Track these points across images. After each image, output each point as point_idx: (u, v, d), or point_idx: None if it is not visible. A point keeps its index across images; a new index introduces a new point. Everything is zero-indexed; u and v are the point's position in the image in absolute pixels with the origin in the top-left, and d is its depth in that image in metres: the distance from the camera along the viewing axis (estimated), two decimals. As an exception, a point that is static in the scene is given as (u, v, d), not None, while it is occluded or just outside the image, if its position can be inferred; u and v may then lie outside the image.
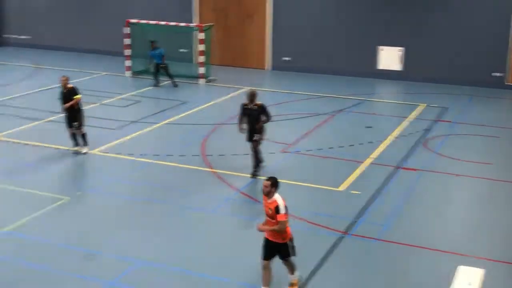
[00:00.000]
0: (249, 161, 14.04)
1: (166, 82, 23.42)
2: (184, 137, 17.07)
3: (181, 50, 26.85)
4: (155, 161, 14.92)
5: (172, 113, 19.40)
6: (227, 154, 15.42)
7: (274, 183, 8.80)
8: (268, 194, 8.80)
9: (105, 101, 20.65)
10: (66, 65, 26.55)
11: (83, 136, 15.37)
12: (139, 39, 24.43)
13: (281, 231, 8.77)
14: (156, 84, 23.02)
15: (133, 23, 24.80)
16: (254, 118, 13.68)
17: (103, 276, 9.68)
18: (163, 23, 24.48)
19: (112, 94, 21.62)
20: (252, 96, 13.63)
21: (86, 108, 19.42)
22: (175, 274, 9.83)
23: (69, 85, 15.32)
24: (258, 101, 13.75)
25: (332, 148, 15.92)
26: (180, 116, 19.11)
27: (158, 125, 18.11)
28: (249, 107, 13.70)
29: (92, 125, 17.72)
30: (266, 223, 9.00)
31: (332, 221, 11.67)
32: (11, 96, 21.04)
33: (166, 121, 18.48)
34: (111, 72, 25.30)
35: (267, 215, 8.92)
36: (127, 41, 24.76)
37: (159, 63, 22.79)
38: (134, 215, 12.16)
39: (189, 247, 10.72)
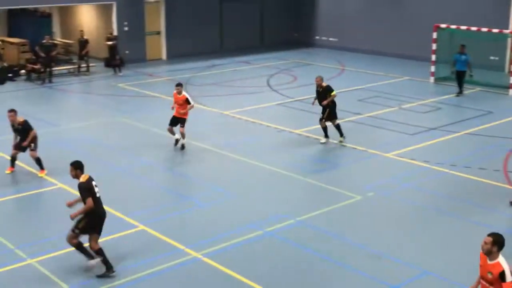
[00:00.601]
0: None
1: (470, 91, 22.32)
2: (485, 150, 16.02)
3: (492, 57, 25.31)
4: (451, 171, 14.28)
5: (475, 123, 18.38)
6: (533, 173, 14.04)
7: (496, 241, 7.07)
8: (489, 254, 7.15)
9: (405, 106, 20.49)
10: (369, 68, 27.09)
11: (338, 127, 16.36)
12: (446, 44, 23.71)
13: None
14: (460, 93, 22.05)
15: (442, 28, 24.17)
16: None
17: (386, 279, 9.57)
18: (474, 28, 23.35)
19: (412, 99, 21.36)
20: None
21: (385, 111, 19.61)
22: (462, 292, 9.25)
23: (324, 84, 16.43)
24: None
25: None
26: (483, 126, 18.01)
27: (457, 134, 17.33)
28: None
29: (388, 129, 17.79)
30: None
31: None
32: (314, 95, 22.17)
33: (467, 131, 17.57)
34: (414, 77, 25.02)
35: (484, 278, 7.29)
36: (433, 46, 24.23)
37: (460, 70, 21.75)
38: (422, 223, 11.82)
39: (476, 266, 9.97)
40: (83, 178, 9.53)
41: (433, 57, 24.25)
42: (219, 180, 13.69)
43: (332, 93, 16.36)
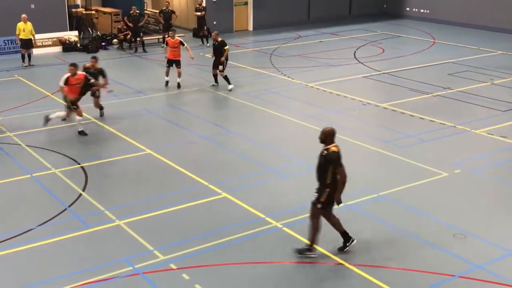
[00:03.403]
0: None
1: None
2: None
3: None
4: (545, 150, 13.68)
5: None
6: None
7: None
8: None
9: (497, 81, 19.67)
10: (461, 41, 26.13)
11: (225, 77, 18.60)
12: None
13: None
14: None
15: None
16: None
17: (471, 258, 9.35)
18: None
19: (506, 74, 20.48)
20: None
21: (476, 86, 18.92)
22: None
23: (219, 39, 18.66)
24: None
25: None
26: None
27: (554, 112, 16.51)
28: None
29: (479, 105, 17.18)
30: None
31: None
32: (404, 68, 21.68)
33: None
34: (509, 52, 23.92)
35: None
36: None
37: None
38: (509, 203, 11.42)
39: None
40: (335, 148, 9.13)
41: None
42: (303, 153, 13.71)
43: (226, 47, 18.61)
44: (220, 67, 18.76)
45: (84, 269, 9.10)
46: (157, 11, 28.08)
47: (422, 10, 31.56)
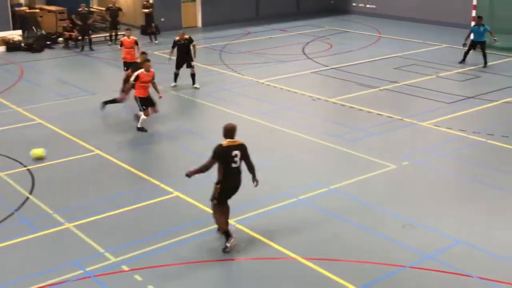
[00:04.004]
0: None
1: (508, 59, 21.80)
2: (524, 119, 15.71)
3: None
4: (488, 141, 14.07)
5: (514, 91, 18.04)
6: None
7: None
8: None
9: (442, 74, 20.14)
10: (407, 35, 26.62)
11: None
12: (486, 11, 23.08)
13: None
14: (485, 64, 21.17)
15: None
16: None
17: (420, 248, 9.55)
18: (515, -6, 22.72)
19: (450, 67, 20.98)
20: None
21: (422, 80, 19.33)
22: (496, 261, 9.19)
23: (186, 36, 18.45)
24: None
25: None
26: (522, 95, 17.67)
27: (496, 103, 17.00)
28: None
29: (425, 97, 17.54)
30: None
31: None
32: (352, 63, 21.96)
33: (506, 100, 17.22)
34: (453, 45, 24.52)
35: None
36: (473, 13, 23.64)
37: (478, 41, 20.94)
38: (457, 192, 11.74)
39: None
40: (225, 143, 9.34)
41: (472, 23, 23.68)
42: (253, 148, 13.69)
43: (194, 43, 18.71)
44: (193, 64, 18.64)
45: (34, 274, 8.89)
46: (104, 9, 27.67)
47: (368, 6, 32.02)
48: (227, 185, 9.37)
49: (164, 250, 9.55)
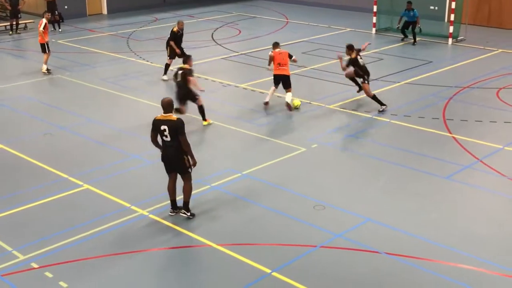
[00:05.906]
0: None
1: (411, 41, 22.70)
2: (425, 99, 16.41)
3: (432, 7, 25.74)
4: (392, 121, 14.63)
5: (415, 72, 18.78)
6: (470, 120, 14.51)
7: None
8: None
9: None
10: (313, 20, 27.10)
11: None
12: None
13: None
14: (405, 37, 22.57)
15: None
16: None
17: (331, 228, 9.83)
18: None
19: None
20: None
21: (328, 64, 19.76)
22: (402, 237, 9.62)
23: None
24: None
25: None
26: (422, 76, 18.42)
27: (398, 84, 17.68)
28: None
29: (331, 81, 17.98)
30: None
31: None
32: (261, 48, 22.13)
33: (408, 81, 17.95)
34: (357, 29, 25.20)
35: None
36: (375, -3, 24.43)
37: (410, 22, 22.16)
38: (364, 171, 12.12)
39: (423, 214, 10.37)
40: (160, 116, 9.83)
41: (375, 8, 24.44)
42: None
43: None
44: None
45: None
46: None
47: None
48: (162, 156, 9.94)
49: (76, 245, 9.34)
